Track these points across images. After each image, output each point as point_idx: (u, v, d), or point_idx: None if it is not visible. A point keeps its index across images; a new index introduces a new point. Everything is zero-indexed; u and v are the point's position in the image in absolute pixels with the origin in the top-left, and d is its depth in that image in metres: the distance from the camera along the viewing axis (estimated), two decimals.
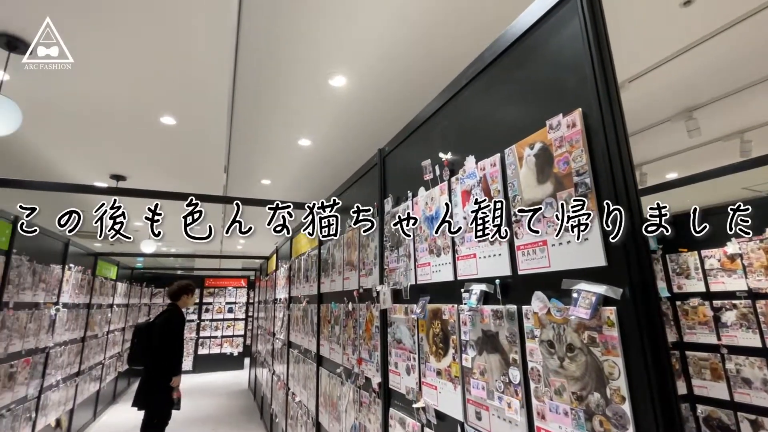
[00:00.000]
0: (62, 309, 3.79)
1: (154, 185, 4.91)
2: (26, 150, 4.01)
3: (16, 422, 3.08)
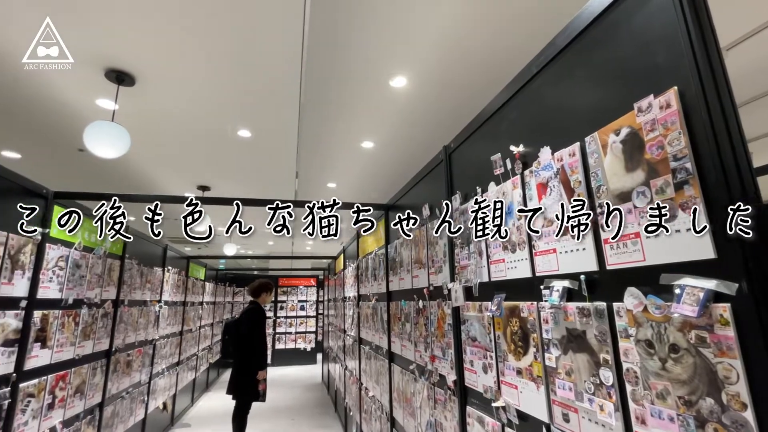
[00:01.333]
0: (164, 306, 4.31)
1: (233, 193, 5.39)
2: (130, 168, 4.62)
3: (133, 403, 3.57)
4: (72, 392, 2.52)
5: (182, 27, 2.36)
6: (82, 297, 2.61)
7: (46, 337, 2.23)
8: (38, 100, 3.05)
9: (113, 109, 2.93)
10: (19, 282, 2.01)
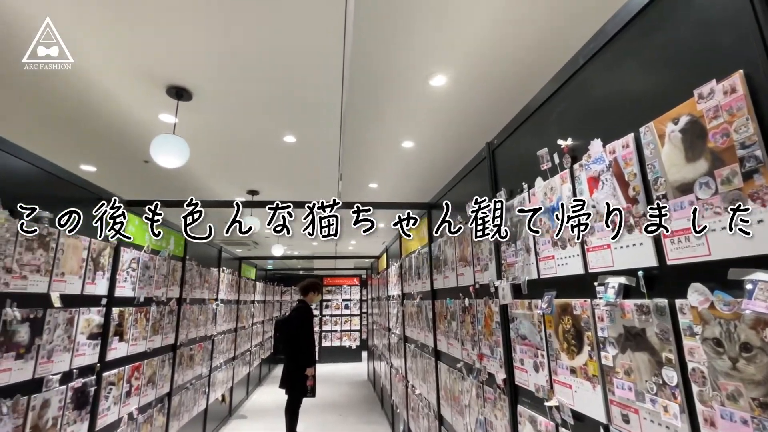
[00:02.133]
0: (220, 304, 4.60)
1: (279, 196, 5.62)
2: (189, 176, 4.97)
3: (196, 394, 3.84)
4: (145, 382, 2.77)
5: (233, 45, 2.52)
6: (152, 295, 2.86)
7: (123, 331, 2.48)
8: (109, 118, 3.38)
9: (174, 122, 3.18)
10: (100, 282, 2.25)
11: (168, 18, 2.33)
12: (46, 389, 1.79)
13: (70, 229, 1.82)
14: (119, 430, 2.42)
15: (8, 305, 1.58)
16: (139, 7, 2.26)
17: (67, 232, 1.87)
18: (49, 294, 1.82)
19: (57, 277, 1.87)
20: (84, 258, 2.08)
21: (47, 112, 3.30)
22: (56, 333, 1.86)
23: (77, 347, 2.02)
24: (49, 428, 1.82)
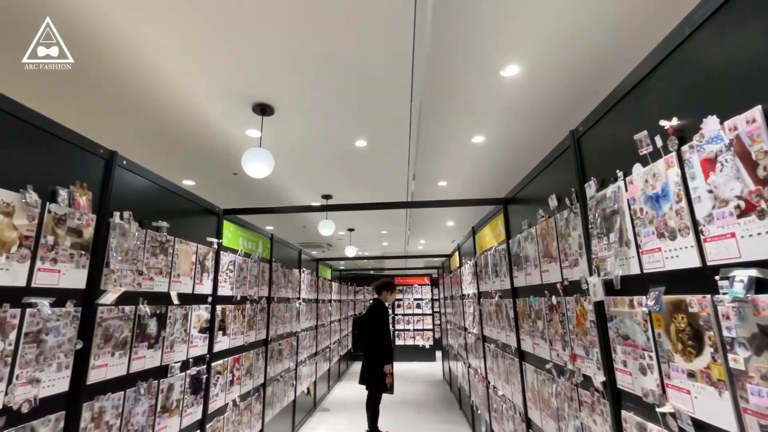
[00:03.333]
0: (303, 303, 4.91)
1: (352, 199, 5.84)
2: (271, 185, 5.40)
3: (286, 386, 4.15)
4: (244, 372, 3.06)
5: (311, 59, 2.71)
6: (246, 294, 3.15)
7: (225, 326, 2.77)
8: (205, 136, 3.80)
9: (258, 136, 3.48)
10: (207, 282, 2.54)
11: (254, 41, 2.57)
12: (170, 375, 2.07)
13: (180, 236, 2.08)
14: (226, 414, 2.71)
15: (140, 302, 1.86)
16: (231, 35, 2.52)
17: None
18: (170, 293, 2.10)
19: (174, 278, 2.16)
20: (193, 261, 2.38)
21: (158, 135, 3.82)
22: (176, 327, 2.15)
23: (191, 339, 2.31)
24: (173, 408, 2.10)
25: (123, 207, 1.77)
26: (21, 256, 1.27)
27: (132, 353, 1.78)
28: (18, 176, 1.29)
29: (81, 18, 2.33)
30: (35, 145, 1.37)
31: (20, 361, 1.25)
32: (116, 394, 1.68)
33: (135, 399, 1.79)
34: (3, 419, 1.20)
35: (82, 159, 1.58)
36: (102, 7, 2.25)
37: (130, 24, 2.39)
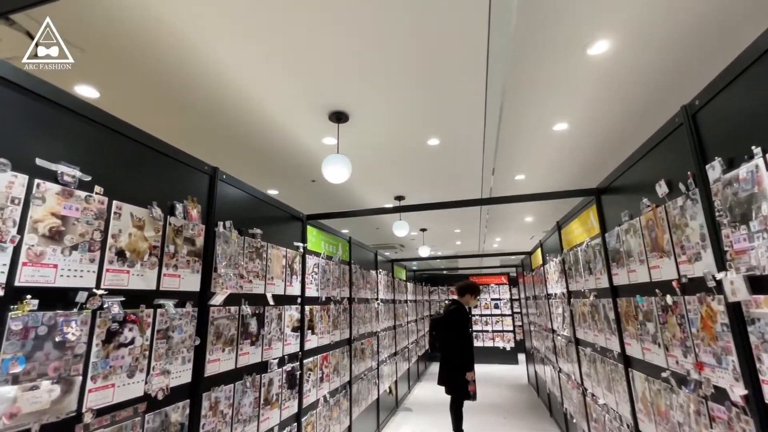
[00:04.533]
0: (381, 303, 5.00)
1: (424, 199, 5.82)
2: (346, 189, 5.60)
3: (369, 384, 4.25)
4: (332, 370, 3.20)
5: (384, 63, 2.75)
6: (330, 295, 3.29)
7: (314, 326, 2.92)
8: (286, 147, 4.07)
9: (334, 143, 3.64)
10: (295, 284, 2.70)
11: (330, 54, 2.68)
12: (270, 370, 2.24)
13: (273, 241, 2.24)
14: (318, 409, 2.85)
15: (243, 303, 2.04)
16: (309, 52, 2.66)
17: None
18: (266, 294, 2.27)
19: (269, 281, 2.33)
20: (283, 265, 2.54)
21: (246, 149, 4.19)
22: (272, 326, 2.31)
23: (285, 338, 2.47)
24: (274, 401, 2.26)
25: (224, 217, 1.95)
26: (151, 264, 1.47)
27: (238, 349, 1.96)
28: (145, 194, 1.49)
29: (188, 50, 2.64)
30: (156, 166, 1.57)
31: (155, 354, 1.44)
32: (227, 386, 1.85)
33: (242, 391, 1.96)
34: (144, 404, 1.38)
35: (191, 175, 1.78)
36: (199, 40, 2.52)
37: (222, 50, 2.65)
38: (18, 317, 1.03)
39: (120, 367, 1.30)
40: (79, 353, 1.17)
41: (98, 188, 1.29)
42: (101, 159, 1.32)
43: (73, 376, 1.15)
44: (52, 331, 1.10)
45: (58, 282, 1.13)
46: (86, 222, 1.23)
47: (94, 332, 1.22)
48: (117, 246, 1.33)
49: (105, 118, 1.36)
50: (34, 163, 1.11)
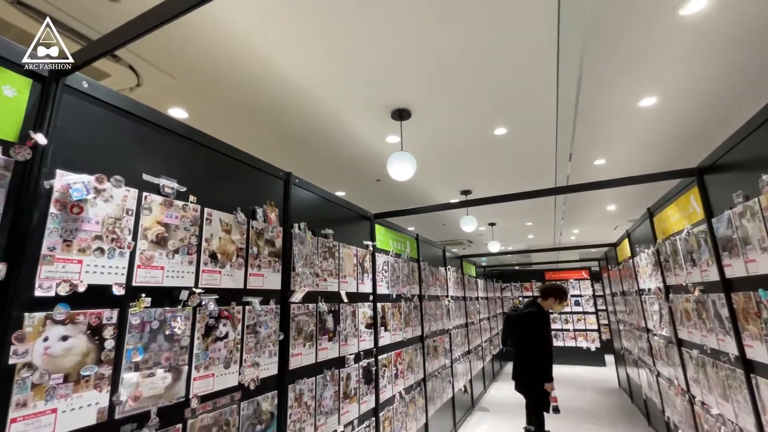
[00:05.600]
0: (451, 300, 4.91)
1: (491, 191, 5.61)
2: (410, 187, 5.61)
3: (443, 383, 4.20)
4: (405, 367, 3.22)
5: (446, 57, 2.70)
6: (400, 293, 3.31)
7: (386, 323, 2.96)
8: (351, 149, 4.19)
9: (397, 141, 3.66)
10: (367, 282, 2.76)
11: (392, 50, 2.70)
12: (347, 365, 2.31)
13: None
14: (394, 405, 2.88)
15: (319, 300, 2.13)
16: (371, 52, 2.71)
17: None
18: (340, 292, 2.35)
19: (342, 279, 2.40)
20: (355, 263, 2.61)
21: (315, 152, 4.40)
22: (347, 322, 2.39)
23: (360, 334, 2.54)
24: (353, 396, 2.33)
25: (299, 219, 2.05)
26: (238, 264, 1.59)
27: (317, 345, 2.05)
28: (230, 201, 1.62)
29: (260, 66, 2.84)
30: (238, 174, 1.71)
31: (245, 347, 1.56)
32: (309, 379, 1.95)
33: (323, 384, 2.05)
34: (239, 393, 1.51)
35: (268, 181, 1.90)
36: (271, 55, 2.70)
37: (291, 63, 2.80)
38: (136, 313, 1.18)
39: (218, 359, 1.43)
40: (184, 345, 1.31)
41: (192, 197, 1.43)
42: (193, 170, 1.47)
43: (181, 366, 1.29)
44: (162, 325, 1.24)
45: (165, 282, 1.28)
46: (184, 228, 1.38)
47: (195, 327, 1.36)
48: (210, 249, 1.47)
49: (195, 134, 1.50)
50: (141, 178, 1.26)
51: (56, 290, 1.00)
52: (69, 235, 1.05)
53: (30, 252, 0.97)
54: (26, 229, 0.96)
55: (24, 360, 0.93)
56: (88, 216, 1.09)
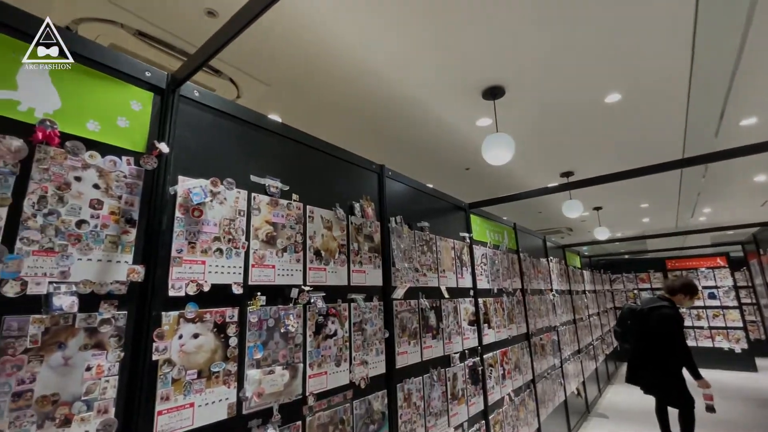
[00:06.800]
0: (556, 294, 4.47)
1: (597, 171, 4.95)
2: (500, 174, 5.25)
3: (554, 384, 3.83)
4: (512, 367, 2.97)
5: (544, 17, 2.39)
6: (501, 287, 3.07)
7: (489, 319, 2.76)
8: (439, 137, 4.04)
9: (489, 123, 3.41)
10: (467, 276, 2.59)
11: (480, 24, 2.48)
12: (452, 364, 2.18)
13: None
14: (503, 408, 2.67)
15: (420, 296, 2.04)
16: (456, 28, 2.53)
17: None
18: (440, 287, 2.23)
19: (441, 274, 2.28)
20: (453, 257, 2.47)
21: (402, 143, 4.35)
22: (449, 319, 2.26)
23: (463, 332, 2.39)
24: (460, 397, 2.20)
25: (394, 212, 1.98)
26: (341, 261, 1.57)
27: (422, 342, 1.96)
28: (329, 197, 1.60)
29: (348, 59, 2.85)
30: (335, 170, 1.69)
31: (354, 345, 1.53)
32: (417, 378, 1.87)
33: (430, 384, 1.96)
34: (351, 391, 1.48)
35: (363, 175, 1.86)
36: (357, 46, 2.69)
37: (376, 50, 2.75)
38: (254, 311, 1.20)
39: (329, 357, 1.42)
40: (298, 343, 1.31)
41: (295, 196, 1.44)
42: (293, 169, 1.47)
43: (297, 363, 1.29)
44: (277, 323, 1.26)
45: (276, 280, 1.29)
46: (290, 227, 1.38)
47: (306, 324, 1.36)
48: (314, 246, 1.46)
49: (293, 133, 1.51)
50: (249, 179, 1.29)
51: (185, 290, 1.05)
52: (192, 237, 1.10)
53: (163, 254, 1.03)
54: (158, 234, 1.02)
55: (164, 356, 0.98)
56: (207, 218, 1.14)
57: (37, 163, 0.85)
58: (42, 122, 0.87)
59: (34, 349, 0.79)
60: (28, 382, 0.78)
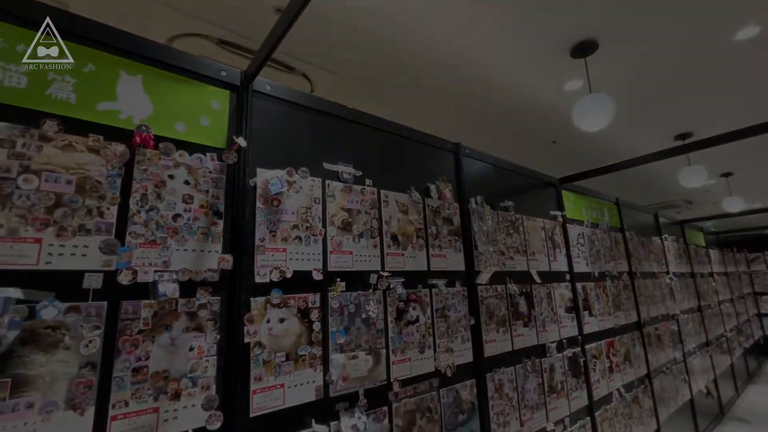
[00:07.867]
0: (674, 278, 3.85)
1: (725, 129, 4.10)
2: (595, 143, 4.66)
3: (676, 381, 3.32)
4: (621, 360, 2.63)
5: None
6: (604, 270, 2.73)
7: (590, 306, 2.47)
8: (520, 108, 3.70)
9: (579, 86, 3.03)
10: (560, 258, 2.34)
11: None
12: (548, 354, 2.00)
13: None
14: (612, 404, 2.38)
15: (508, 281, 1.89)
16: None
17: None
18: (530, 271, 2.05)
19: (530, 256, 2.09)
20: (543, 237, 2.24)
21: (480, 122, 4.11)
22: (542, 305, 2.06)
23: (560, 319, 2.17)
24: (560, 390, 2.01)
25: (474, 192, 1.85)
26: (419, 245, 1.51)
27: (512, 330, 1.82)
28: (403, 180, 1.55)
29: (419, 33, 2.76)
30: (407, 152, 1.62)
31: (437, 332, 1.48)
32: (508, 368, 1.74)
33: (524, 375, 1.81)
34: (437, 379, 1.43)
35: (438, 155, 1.76)
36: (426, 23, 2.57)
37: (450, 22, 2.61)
38: (334, 297, 1.21)
39: (412, 343, 1.38)
40: (380, 329, 1.30)
41: (368, 180, 1.41)
42: (364, 154, 1.45)
43: (379, 349, 1.28)
44: (358, 308, 1.26)
45: (354, 267, 1.29)
46: (365, 212, 1.37)
47: (387, 310, 1.33)
48: (390, 231, 1.43)
49: (362, 117, 1.48)
50: (322, 167, 1.30)
51: (270, 277, 1.10)
52: (273, 226, 1.14)
53: (248, 244, 1.08)
54: (242, 224, 1.08)
55: (255, 339, 1.04)
56: (285, 207, 1.17)
57: (137, 165, 0.95)
58: (139, 127, 0.96)
59: (146, 331, 0.89)
60: (144, 360, 0.87)
